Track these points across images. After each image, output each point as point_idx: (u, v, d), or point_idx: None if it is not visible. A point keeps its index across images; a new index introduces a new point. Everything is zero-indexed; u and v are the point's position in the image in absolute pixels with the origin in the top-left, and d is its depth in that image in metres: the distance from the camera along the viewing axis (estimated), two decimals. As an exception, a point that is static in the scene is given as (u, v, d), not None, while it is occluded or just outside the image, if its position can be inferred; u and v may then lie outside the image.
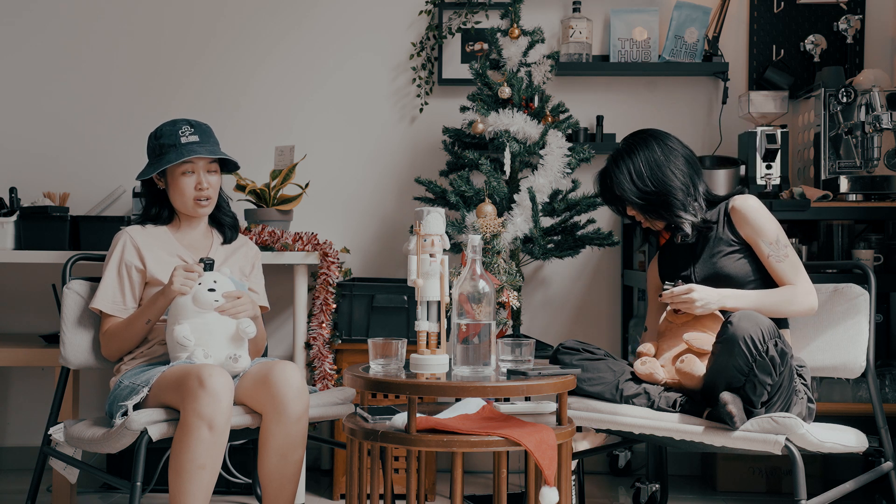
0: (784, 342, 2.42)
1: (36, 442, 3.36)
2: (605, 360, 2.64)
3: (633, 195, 2.71)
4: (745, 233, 2.68)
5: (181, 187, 2.77)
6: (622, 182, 2.72)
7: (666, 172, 2.70)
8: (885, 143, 3.35)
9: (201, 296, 2.59)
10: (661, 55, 3.71)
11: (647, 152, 2.72)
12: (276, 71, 3.87)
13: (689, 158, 2.76)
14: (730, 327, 2.38)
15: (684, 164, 2.73)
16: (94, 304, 2.74)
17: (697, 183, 2.74)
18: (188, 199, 2.78)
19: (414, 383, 2.18)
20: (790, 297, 2.62)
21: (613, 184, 2.74)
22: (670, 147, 2.74)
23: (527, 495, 2.33)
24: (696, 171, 2.76)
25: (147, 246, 2.77)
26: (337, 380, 3.29)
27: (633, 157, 2.73)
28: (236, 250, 2.93)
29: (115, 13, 3.87)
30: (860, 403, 3.25)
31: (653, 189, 2.69)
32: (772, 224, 2.66)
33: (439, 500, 3.37)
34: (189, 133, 2.76)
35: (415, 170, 3.79)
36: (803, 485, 2.34)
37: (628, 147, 2.76)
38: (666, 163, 2.71)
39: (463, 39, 3.81)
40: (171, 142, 2.75)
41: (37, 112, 3.87)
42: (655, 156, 2.71)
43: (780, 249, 2.64)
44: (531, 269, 3.82)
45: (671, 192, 2.69)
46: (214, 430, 2.38)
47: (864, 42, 3.73)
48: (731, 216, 2.70)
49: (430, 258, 2.32)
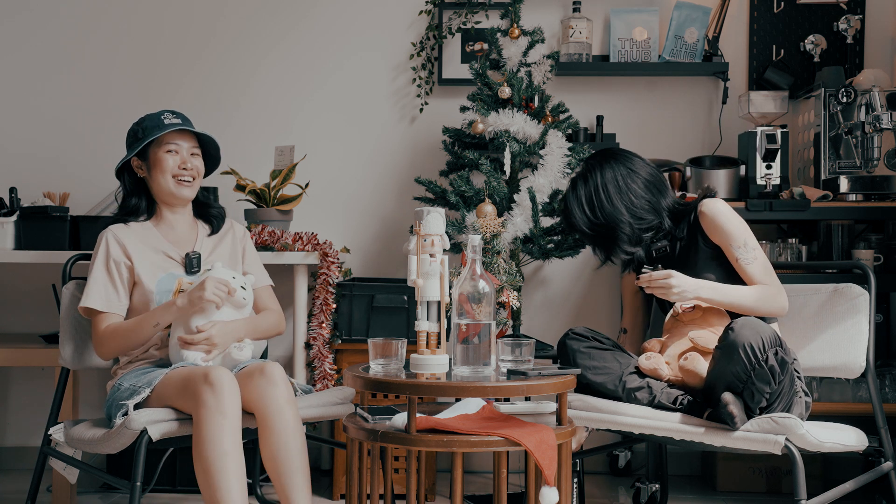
0: (785, 351, 2.40)
1: (36, 442, 3.36)
2: (612, 351, 2.65)
3: (582, 223, 2.72)
4: (715, 239, 2.67)
5: (163, 165, 2.76)
6: (574, 210, 2.72)
7: (616, 203, 2.68)
8: (885, 143, 3.35)
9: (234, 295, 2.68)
10: (661, 55, 3.71)
11: (602, 179, 2.71)
12: (276, 71, 3.87)
13: (652, 179, 2.73)
14: (731, 333, 2.38)
15: (644, 189, 2.71)
16: (85, 303, 2.69)
17: (660, 204, 2.72)
18: (169, 178, 2.77)
19: (414, 383, 2.18)
20: (764, 296, 2.61)
21: (567, 210, 2.75)
22: (629, 170, 2.72)
23: (527, 495, 2.33)
24: (660, 190, 2.74)
25: (132, 243, 2.75)
26: (337, 380, 3.29)
27: (587, 183, 2.72)
28: (223, 238, 2.90)
29: (115, 13, 3.87)
30: (860, 403, 3.25)
31: (601, 221, 2.69)
32: (740, 226, 2.65)
33: (439, 500, 3.37)
34: (172, 117, 2.79)
35: (415, 170, 3.79)
36: (803, 485, 2.34)
37: (584, 172, 2.75)
38: (620, 191, 2.69)
39: (463, 39, 3.81)
40: (154, 124, 2.77)
41: (37, 112, 3.87)
42: (610, 182, 2.70)
43: (748, 252, 2.63)
44: (531, 269, 3.82)
45: (619, 224, 2.68)
46: (227, 415, 2.37)
47: (864, 42, 3.73)
48: (700, 221, 2.70)
49: (430, 258, 2.32)
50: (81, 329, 2.84)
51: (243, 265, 2.90)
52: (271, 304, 2.90)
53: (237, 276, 2.73)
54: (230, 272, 2.72)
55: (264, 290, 2.91)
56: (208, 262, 2.80)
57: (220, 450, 2.35)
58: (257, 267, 2.95)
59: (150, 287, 2.71)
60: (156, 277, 2.72)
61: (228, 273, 2.71)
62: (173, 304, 2.62)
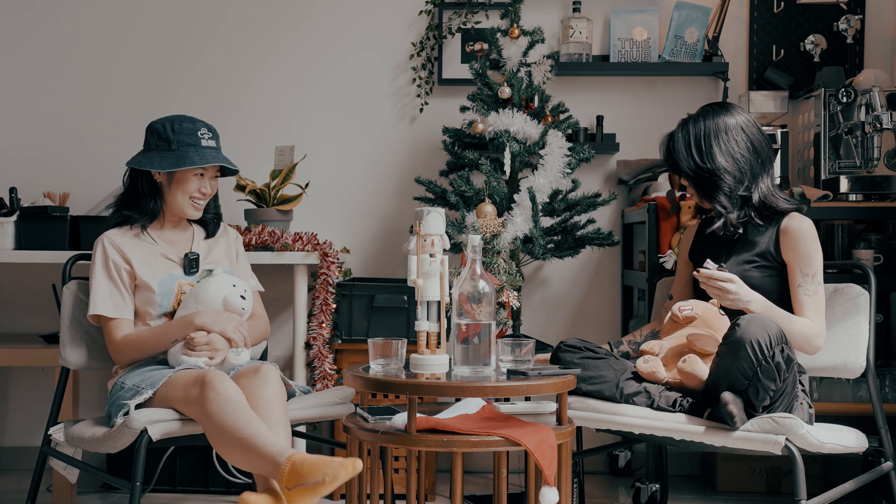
0: (790, 349, 2.40)
1: (36, 442, 3.36)
2: (606, 359, 2.62)
3: (686, 166, 2.67)
4: (787, 256, 2.63)
5: (186, 186, 2.76)
6: (680, 150, 2.68)
7: (723, 151, 2.63)
8: (885, 143, 3.35)
9: (234, 301, 2.69)
10: (661, 55, 3.71)
11: (713, 125, 2.66)
12: (276, 71, 3.87)
13: (758, 146, 2.67)
14: (737, 329, 2.36)
15: (748, 150, 2.65)
16: (94, 310, 2.70)
17: (759, 175, 2.66)
18: (186, 198, 2.77)
19: (414, 383, 2.18)
20: (809, 334, 2.57)
21: (672, 148, 2.70)
22: (740, 128, 2.66)
23: (527, 495, 2.33)
24: (763, 160, 2.67)
25: (129, 248, 2.75)
26: (337, 380, 3.29)
27: (697, 126, 2.68)
28: (217, 241, 2.92)
29: (115, 14, 3.87)
30: (860, 403, 3.25)
31: (706, 166, 2.64)
32: (816, 255, 2.61)
33: (439, 500, 3.37)
34: (208, 137, 2.77)
35: (415, 170, 3.79)
36: (803, 485, 2.33)
37: (697, 115, 2.70)
38: (727, 141, 2.64)
39: (463, 39, 3.81)
40: (191, 142, 2.74)
41: (37, 112, 3.87)
42: (720, 131, 2.65)
43: (813, 284, 2.60)
44: (531, 269, 3.82)
45: (720, 174, 2.62)
46: (230, 397, 2.39)
47: (864, 42, 3.73)
48: (780, 234, 2.64)
49: (430, 258, 2.32)
50: (82, 329, 2.84)
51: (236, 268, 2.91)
52: (258, 311, 2.91)
53: (238, 283, 2.73)
54: (231, 279, 2.72)
55: (254, 295, 2.92)
56: (206, 264, 2.81)
57: (230, 407, 2.37)
58: (248, 272, 2.97)
59: (153, 288, 2.72)
60: (157, 279, 2.73)
61: (230, 280, 2.71)
62: (191, 322, 2.63)
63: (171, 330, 2.66)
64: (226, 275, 2.74)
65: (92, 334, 2.84)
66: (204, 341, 2.61)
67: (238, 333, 2.65)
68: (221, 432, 2.36)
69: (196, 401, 2.41)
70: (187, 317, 2.65)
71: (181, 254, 2.80)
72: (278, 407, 2.48)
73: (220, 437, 2.37)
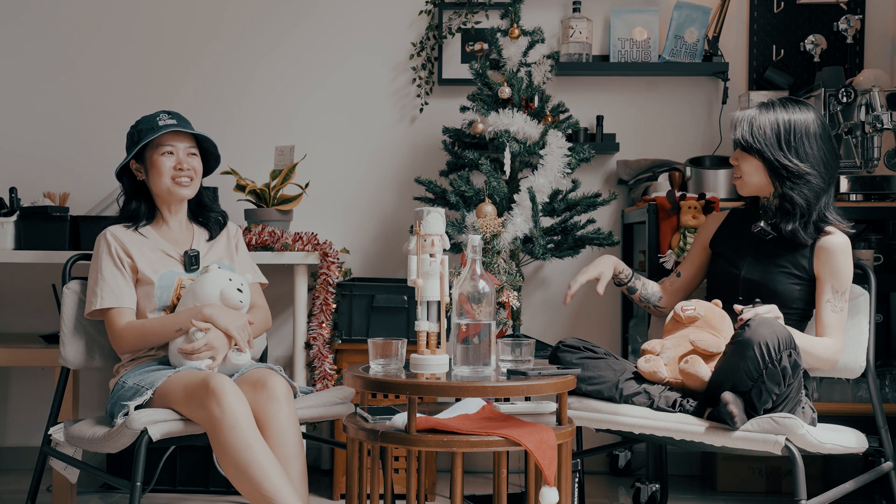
0: (798, 354, 2.38)
1: (36, 442, 3.36)
2: (605, 359, 2.62)
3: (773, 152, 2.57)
4: (820, 270, 2.61)
5: (159, 167, 2.77)
6: (766, 130, 2.59)
7: (809, 154, 2.57)
8: (885, 143, 3.35)
9: (231, 294, 2.68)
10: (661, 55, 3.71)
11: (803, 124, 2.58)
12: (276, 71, 3.87)
13: (834, 160, 2.61)
14: (747, 330, 2.35)
15: (828, 162, 2.59)
16: (95, 306, 2.70)
17: (826, 191, 2.60)
18: (167, 179, 2.78)
19: (414, 383, 2.18)
20: (830, 356, 2.57)
21: (754, 127, 2.59)
22: (829, 137, 2.59)
23: (527, 495, 2.33)
24: (833, 175, 2.62)
25: (131, 243, 2.77)
26: (337, 380, 3.29)
27: (788, 111, 2.60)
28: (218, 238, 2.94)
29: (116, 14, 3.87)
30: (860, 403, 3.25)
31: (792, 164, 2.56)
32: (848, 274, 2.60)
33: (439, 500, 3.37)
34: (167, 118, 2.80)
35: (415, 170, 3.79)
36: (803, 485, 2.33)
37: (782, 104, 2.62)
38: (811, 146, 2.58)
39: (463, 39, 3.81)
40: (150, 126, 2.78)
41: (37, 112, 3.87)
42: (811, 135, 2.58)
43: (840, 301, 2.59)
44: (531, 269, 3.82)
45: (805, 177, 2.57)
46: (237, 418, 2.39)
47: (864, 42, 3.73)
48: (816, 249, 2.61)
49: (430, 258, 2.32)
50: (82, 329, 2.84)
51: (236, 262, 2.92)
52: (259, 301, 2.91)
53: (234, 276, 2.73)
54: (228, 273, 2.73)
55: (254, 286, 2.93)
56: (206, 261, 2.82)
57: (243, 444, 2.37)
58: (249, 264, 2.97)
59: (153, 281, 2.73)
60: (157, 273, 2.74)
61: (226, 274, 2.72)
62: (199, 311, 2.63)
63: (176, 318, 2.66)
64: (222, 269, 2.74)
65: (92, 334, 2.84)
66: (203, 343, 2.61)
67: (242, 333, 2.65)
68: (234, 466, 2.37)
69: (199, 406, 2.41)
70: (195, 307, 2.66)
71: (181, 251, 2.81)
72: (292, 435, 2.48)
73: (233, 469, 2.38)
